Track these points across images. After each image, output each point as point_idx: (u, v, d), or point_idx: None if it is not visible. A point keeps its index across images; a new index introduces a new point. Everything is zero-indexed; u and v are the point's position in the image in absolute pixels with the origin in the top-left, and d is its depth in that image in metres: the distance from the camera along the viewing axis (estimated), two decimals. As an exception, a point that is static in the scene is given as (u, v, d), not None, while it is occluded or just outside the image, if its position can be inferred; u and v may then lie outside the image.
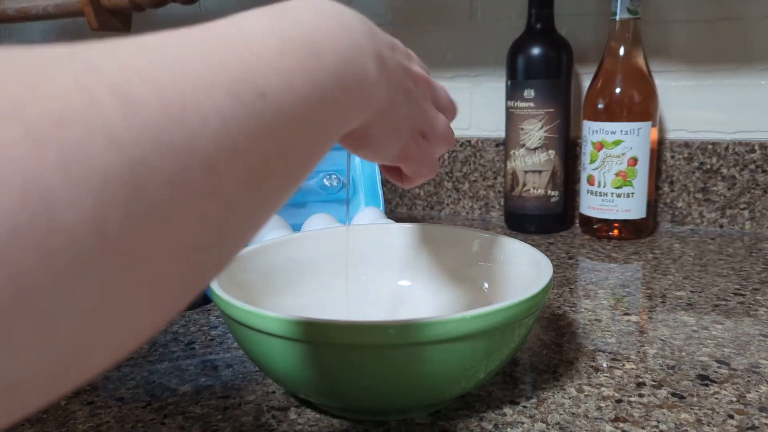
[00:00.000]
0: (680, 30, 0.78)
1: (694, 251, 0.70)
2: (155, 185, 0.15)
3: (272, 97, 0.19)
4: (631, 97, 0.72)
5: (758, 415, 0.37)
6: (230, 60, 0.18)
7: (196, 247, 0.17)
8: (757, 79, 0.76)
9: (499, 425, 0.36)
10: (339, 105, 0.23)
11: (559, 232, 0.80)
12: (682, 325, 0.50)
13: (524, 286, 0.41)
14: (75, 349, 0.14)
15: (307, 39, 0.22)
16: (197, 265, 0.17)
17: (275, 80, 0.20)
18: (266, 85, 0.19)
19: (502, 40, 0.85)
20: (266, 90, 0.19)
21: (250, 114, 0.18)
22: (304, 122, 0.21)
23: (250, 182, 0.19)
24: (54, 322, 0.13)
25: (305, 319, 0.31)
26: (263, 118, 0.19)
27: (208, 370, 0.44)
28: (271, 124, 0.19)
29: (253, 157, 0.18)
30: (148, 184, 0.15)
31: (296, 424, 0.37)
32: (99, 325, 0.15)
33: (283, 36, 0.21)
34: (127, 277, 0.15)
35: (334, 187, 0.74)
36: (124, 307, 0.15)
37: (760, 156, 0.76)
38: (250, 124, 0.18)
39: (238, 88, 0.18)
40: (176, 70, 0.17)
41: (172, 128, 0.16)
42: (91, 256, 0.14)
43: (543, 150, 0.77)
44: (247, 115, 0.18)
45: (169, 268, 0.16)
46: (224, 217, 0.18)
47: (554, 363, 0.44)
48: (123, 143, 0.14)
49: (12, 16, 0.89)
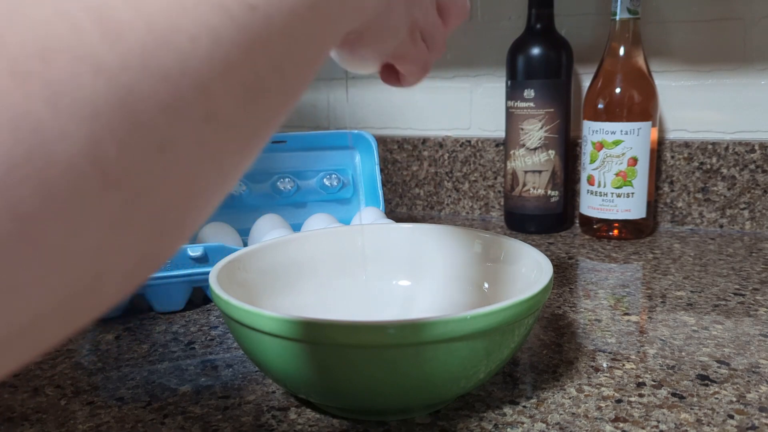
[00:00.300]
0: (680, 30, 0.78)
1: (694, 251, 0.70)
2: (149, 112, 0.15)
3: (263, 8, 0.19)
4: (631, 97, 0.72)
5: (758, 415, 0.37)
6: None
7: (197, 173, 0.17)
8: (757, 79, 0.76)
9: (499, 425, 0.36)
10: (332, 10, 0.23)
11: (559, 232, 0.80)
12: (682, 325, 0.50)
13: (524, 286, 0.41)
14: (87, 284, 0.14)
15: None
16: (201, 191, 0.17)
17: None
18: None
19: (502, 40, 0.85)
20: (256, 2, 0.18)
21: (241, 28, 0.18)
22: (297, 31, 0.20)
23: (246, 100, 0.18)
24: (62, 259, 0.13)
25: (305, 319, 0.31)
26: (254, 30, 0.18)
27: (208, 370, 0.44)
28: (262, 37, 0.19)
29: (246, 72, 0.18)
30: (141, 111, 0.14)
31: (296, 424, 0.37)
32: (108, 259, 0.14)
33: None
34: (132, 209, 0.15)
35: (334, 187, 0.74)
36: (132, 240, 0.15)
37: (760, 156, 0.76)
38: (241, 39, 0.18)
39: (226, 2, 0.17)
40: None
41: (160, 51, 0.15)
42: (91, 187, 0.13)
43: (543, 150, 0.77)
44: (238, 30, 0.18)
45: (173, 196, 0.16)
46: (223, 138, 0.17)
47: (554, 363, 0.44)
48: (111, 70, 0.14)
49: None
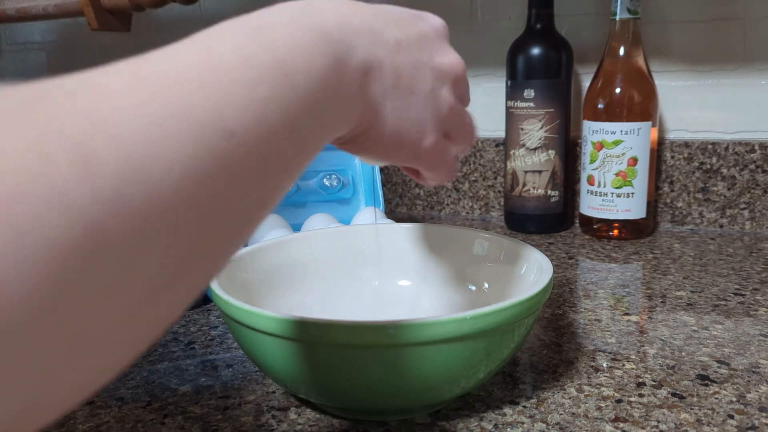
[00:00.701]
0: (680, 30, 0.78)
1: (694, 251, 0.70)
2: (110, 248, 0.14)
3: (240, 135, 0.18)
4: (631, 97, 0.72)
5: (758, 415, 0.37)
6: (198, 100, 0.18)
7: (150, 298, 0.16)
8: (757, 79, 0.76)
9: (499, 425, 0.36)
10: (312, 128, 0.22)
11: (559, 232, 0.80)
12: (682, 325, 0.50)
13: (524, 286, 0.41)
14: (28, 405, 0.14)
15: (281, 64, 0.21)
16: (150, 315, 0.17)
17: (244, 116, 0.19)
18: (234, 123, 0.18)
19: (502, 40, 0.85)
20: (234, 128, 0.18)
21: (216, 156, 0.17)
22: (274, 153, 0.20)
23: (212, 223, 0.18)
24: (3, 385, 0.13)
25: (305, 319, 0.31)
26: (230, 158, 0.18)
27: (208, 370, 0.44)
28: (237, 163, 0.18)
29: (217, 198, 0.18)
30: (103, 248, 0.14)
31: (296, 424, 0.37)
32: (48, 385, 0.14)
33: (255, 62, 0.20)
34: (77, 341, 0.14)
35: (334, 187, 0.74)
36: (74, 367, 0.15)
37: (760, 156, 0.76)
38: (215, 167, 0.17)
39: (205, 131, 0.17)
40: (140, 119, 0.16)
41: (132, 186, 0.15)
42: (34, 327, 0.13)
43: (543, 150, 0.77)
44: (213, 158, 0.17)
45: (119, 326, 0.16)
46: (182, 263, 0.17)
47: (554, 363, 0.44)
48: (80, 208, 0.14)
49: (12, 16, 0.89)
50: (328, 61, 0.23)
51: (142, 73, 0.17)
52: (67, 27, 1.10)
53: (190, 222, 0.17)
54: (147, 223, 0.15)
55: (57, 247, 0.13)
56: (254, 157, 0.19)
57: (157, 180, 0.16)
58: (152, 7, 0.82)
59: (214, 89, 0.18)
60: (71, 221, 0.14)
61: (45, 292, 0.13)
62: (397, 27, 0.28)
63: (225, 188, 0.18)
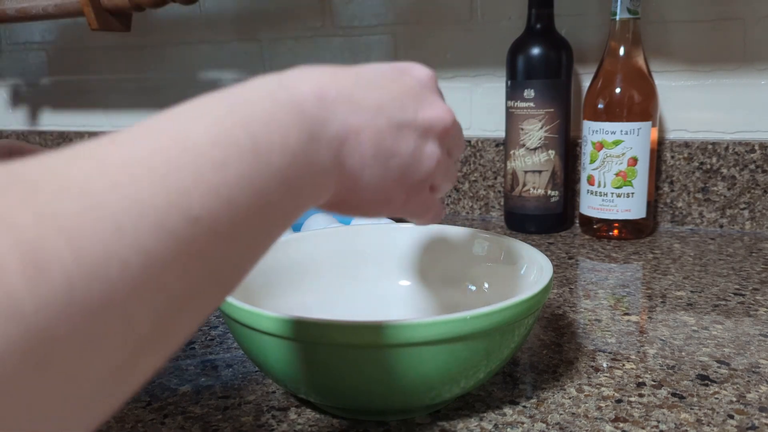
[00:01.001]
0: (680, 30, 0.78)
1: (694, 251, 0.70)
2: (60, 352, 0.14)
3: (206, 220, 0.18)
4: (631, 97, 0.72)
5: (758, 415, 0.37)
6: (164, 184, 0.17)
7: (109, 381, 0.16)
8: (757, 79, 0.76)
9: (499, 425, 0.36)
10: (284, 204, 0.22)
11: (559, 232, 0.80)
12: (682, 325, 0.50)
13: (524, 286, 0.41)
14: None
15: (255, 142, 0.21)
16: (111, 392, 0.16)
17: (212, 200, 0.18)
18: (201, 208, 0.18)
19: (502, 40, 0.85)
20: (200, 214, 0.18)
21: (180, 244, 0.17)
22: (242, 233, 0.20)
23: (171, 313, 0.17)
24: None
25: (305, 319, 0.31)
26: (194, 244, 0.17)
27: (208, 370, 0.44)
28: (201, 248, 0.18)
29: (177, 288, 0.17)
30: (51, 353, 0.14)
31: (296, 424, 0.37)
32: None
33: (228, 142, 0.20)
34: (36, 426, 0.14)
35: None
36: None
37: (760, 156, 0.76)
38: (177, 255, 0.17)
39: (168, 218, 0.17)
40: (99, 209, 0.15)
41: (85, 285, 0.14)
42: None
43: (543, 150, 0.77)
44: (176, 246, 0.17)
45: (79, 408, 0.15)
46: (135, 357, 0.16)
47: (554, 363, 0.44)
48: (26, 313, 0.13)
49: (12, 16, 0.89)
50: (302, 137, 0.23)
51: (110, 159, 0.17)
52: (67, 27, 1.10)
53: (150, 309, 0.16)
54: (102, 319, 0.15)
55: (2, 355, 0.13)
56: (222, 239, 0.19)
57: (113, 277, 0.15)
58: (152, 7, 0.82)
59: (183, 174, 0.18)
60: (19, 329, 0.13)
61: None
62: (378, 88, 0.28)
63: (189, 272, 0.17)
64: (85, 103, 1.13)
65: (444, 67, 0.90)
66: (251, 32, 0.98)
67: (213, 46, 1.01)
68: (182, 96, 1.18)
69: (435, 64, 0.90)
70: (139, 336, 0.16)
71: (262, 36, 0.98)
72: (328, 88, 0.25)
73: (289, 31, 0.96)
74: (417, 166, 0.29)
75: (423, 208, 0.32)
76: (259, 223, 0.21)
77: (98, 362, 0.15)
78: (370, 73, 0.28)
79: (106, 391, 0.16)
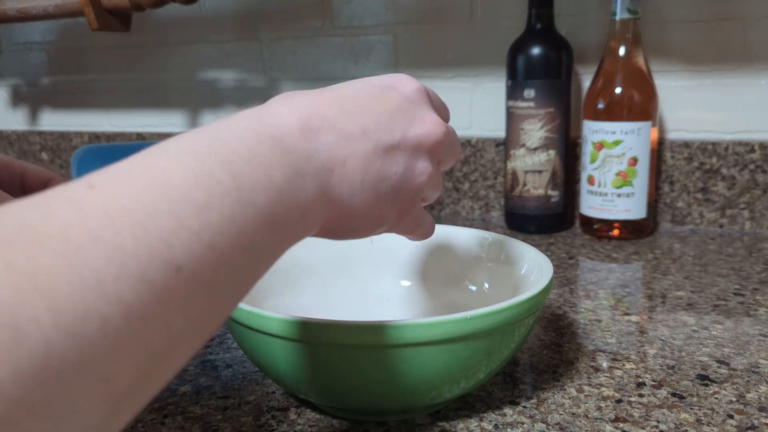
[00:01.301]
0: (680, 30, 0.78)
1: (694, 251, 0.70)
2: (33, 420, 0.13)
3: (188, 268, 0.17)
4: (631, 97, 0.72)
5: (758, 415, 0.37)
6: (145, 232, 0.17)
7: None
8: (757, 79, 0.76)
9: (499, 425, 0.36)
10: (270, 243, 0.21)
11: (559, 232, 0.80)
12: (682, 325, 0.50)
13: (524, 286, 0.41)
14: None
15: (237, 181, 0.20)
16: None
17: (194, 247, 0.18)
18: (184, 255, 0.17)
19: (502, 40, 0.85)
20: (183, 262, 0.17)
21: (161, 294, 0.16)
22: (224, 279, 0.19)
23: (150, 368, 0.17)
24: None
25: (305, 319, 0.31)
26: (176, 294, 0.17)
27: (208, 370, 0.44)
28: (183, 298, 0.17)
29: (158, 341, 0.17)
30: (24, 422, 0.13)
31: (296, 424, 0.37)
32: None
33: (210, 182, 0.19)
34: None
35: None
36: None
37: (760, 156, 0.76)
38: (158, 307, 0.16)
39: (150, 269, 0.16)
40: (79, 264, 0.15)
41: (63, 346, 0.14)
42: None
43: (543, 150, 0.77)
44: (158, 298, 0.16)
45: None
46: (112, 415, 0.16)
47: (554, 363, 0.44)
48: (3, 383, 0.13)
49: (12, 16, 0.89)
50: (287, 172, 0.22)
51: (88, 208, 0.16)
52: (67, 27, 1.10)
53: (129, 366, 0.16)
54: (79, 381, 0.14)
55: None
56: (204, 286, 0.18)
57: (93, 333, 0.15)
58: (152, 7, 0.82)
59: (163, 221, 0.17)
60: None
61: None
62: (363, 110, 0.27)
63: (170, 324, 0.17)
64: (85, 103, 1.13)
65: (444, 67, 0.90)
66: (251, 32, 0.98)
67: (213, 46, 1.01)
68: (182, 96, 1.17)
69: (435, 64, 0.90)
70: (117, 394, 0.16)
71: (262, 36, 0.98)
72: (311, 117, 0.25)
73: (289, 31, 0.96)
74: (409, 184, 0.29)
75: (415, 223, 0.32)
76: (242, 266, 0.20)
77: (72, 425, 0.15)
78: (353, 93, 0.28)
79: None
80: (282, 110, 0.25)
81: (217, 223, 0.19)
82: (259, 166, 0.21)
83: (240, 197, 0.20)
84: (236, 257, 0.19)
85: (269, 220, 0.21)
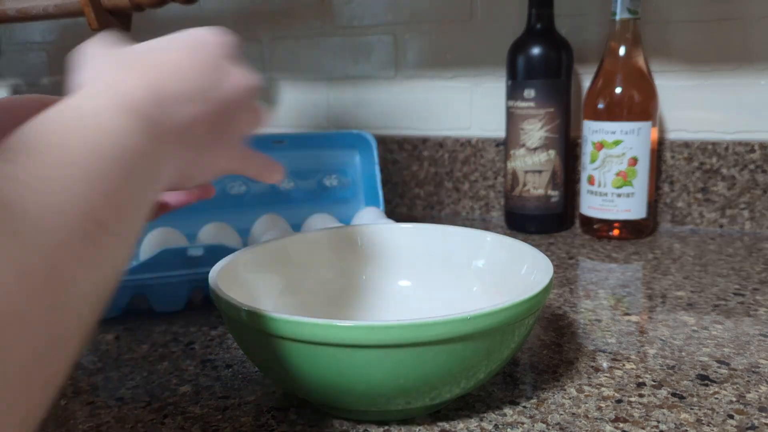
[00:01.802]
0: (680, 30, 0.78)
1: (694, 251, 0.70)
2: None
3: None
4: (631, 97, 0.72)
5: (758, 415, 0.37)
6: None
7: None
8: (757, 79, 0.76)
9: (499, 425, 0.36)
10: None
11: (559, 232, 0.80)
12: (682, 325, 0.50)
13: (524, 286, 0.41)
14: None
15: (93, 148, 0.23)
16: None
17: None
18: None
19: (502, 40, 0.85)
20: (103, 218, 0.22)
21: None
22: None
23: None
24: None
25: (305, 320, 0.31)
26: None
27: (208, 370, 0.44)
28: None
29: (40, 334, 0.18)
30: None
31: (296, 424, 0.37)
32: None
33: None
34: None
35: (334, 187, 0.74)
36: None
37: (760, 156, 0.76)
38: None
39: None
40: None
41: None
42: None
43: (543, 150, 0.77)
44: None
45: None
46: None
47: (554, 363, 0.44)
48: None
49: (12, 16, 0.89)
50: (139, 139, 0.26)
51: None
52: (67, 27, 1.10)
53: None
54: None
55: None
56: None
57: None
58: (152, 7, 0.82)
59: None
60: None
61: None
62: (185, 77, 0.30)
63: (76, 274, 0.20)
64: (85, 103, 1.13)
65: (444, 67, 0.90)
66: (251, 32, 0.98)
67: (213, 46, 1.01)
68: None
69: (435, 64, 0.90)
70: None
71: (262, 36, 0.98)
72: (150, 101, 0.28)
73: (289, 31, 0.96)
74: (238, 127, 0.34)
75: (250, 157, 0.37)
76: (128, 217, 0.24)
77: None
78: (166, 56, 0.31)
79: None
80: (129, 85, 0.28)
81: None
82: (111, 134, 0.25)
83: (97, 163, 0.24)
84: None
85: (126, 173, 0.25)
